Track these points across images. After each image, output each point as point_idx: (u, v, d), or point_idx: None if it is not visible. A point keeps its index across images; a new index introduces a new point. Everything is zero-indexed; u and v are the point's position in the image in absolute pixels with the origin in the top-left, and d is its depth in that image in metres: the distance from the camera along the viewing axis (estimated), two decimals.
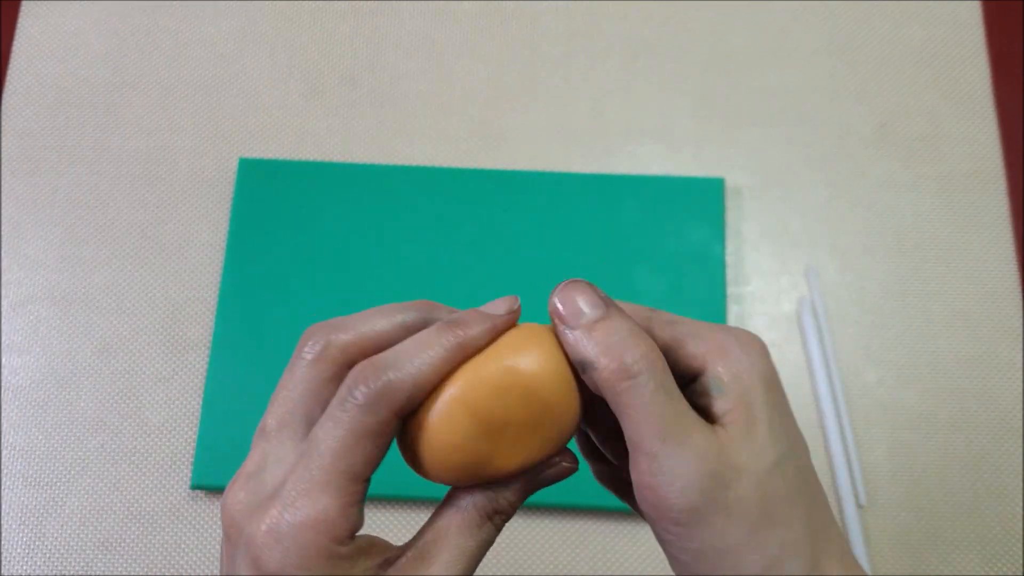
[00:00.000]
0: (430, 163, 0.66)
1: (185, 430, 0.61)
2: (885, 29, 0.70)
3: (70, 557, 0.58)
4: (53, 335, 0.63)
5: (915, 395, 0.61)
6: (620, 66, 0.69)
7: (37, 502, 0.59)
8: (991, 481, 0.59)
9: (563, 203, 0.64)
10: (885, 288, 0.64)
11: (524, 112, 0.68)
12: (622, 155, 0.67)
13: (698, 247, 0.63)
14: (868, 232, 0.65)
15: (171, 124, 0.68)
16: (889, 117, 0.68)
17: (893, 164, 0.66)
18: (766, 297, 0.63)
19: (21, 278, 0.64)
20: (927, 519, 0.59)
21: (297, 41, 0.70)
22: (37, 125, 0.68)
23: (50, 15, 0.71)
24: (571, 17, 0.70)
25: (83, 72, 0.69)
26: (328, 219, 0.64)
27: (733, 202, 0.65)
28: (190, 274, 0.64)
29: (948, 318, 0.63)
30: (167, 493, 0.60)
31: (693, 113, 0.68)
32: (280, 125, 0.68)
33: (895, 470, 0.60)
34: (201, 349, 0.62)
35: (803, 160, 0.67)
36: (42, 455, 0.60)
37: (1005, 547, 0.58)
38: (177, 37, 0.70)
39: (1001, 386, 0.61)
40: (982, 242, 0.64)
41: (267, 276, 0.63)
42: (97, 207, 0.66)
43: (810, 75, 0.69)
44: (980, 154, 0.66)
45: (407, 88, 0.69)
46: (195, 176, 0.67)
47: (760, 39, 0.70)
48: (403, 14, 0.71)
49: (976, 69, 0.69)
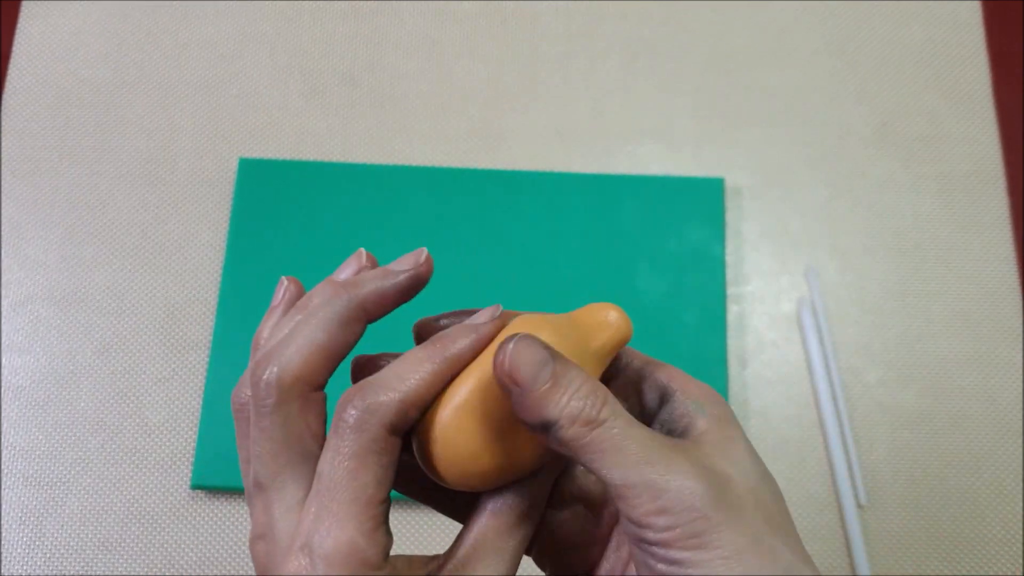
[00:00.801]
0: (430, 163, 0.66)
1: (185, 430, 0.61)
2: (885, 29, 0.70)
3: (70, 557, 0.58)
4: (53, 335, 0.63)
5: (915, 395, 0.61)
6: (620, 66, 0.69)
7: (37, 502, 0.59)
8: (991, 481, 0.59)
9: (563, 203, 0.64)
10: (885, 288, 0.64)
11: (524, 112, 0.68)
12: (622, 155, 0.67)
13: (698, 247, 0.63)
14: (868, 232, 0.65)
15: (171, 124, 0.68)
16: (889, 117, 0.68)
17: (893, 164, 0.66)
18: (766, 297, 0.63)
19: (21, 278, 0.64)
20: (927, 519, 0.59)
21: (297, 41, 0.70)
22: (37, 125, 0.68)
23: (50, 15, 0.71)
24: (571, 17, 0.70)
25: (83, 72, 0.69)
26: (328, 219, 0.64)
27: (733, 202, 0.65)
28: (190, 274, 0.64)
29: (948, 318, 0.63)
30: (167, 493, 0.60)
31: (693, 113, 0.68)
32: (280, 125, 0.68)
33: (895, 470, 0.60)
34: (201, 349, 0.62)
35: (803, 160, 0.67)
36: (42, 455, 0.60)
37: (1005, 547, 0.58)
38: (177, 37, 0.70)
39: (1001, 386, 0.61)
40: (982, 242, 0.64)
41: (267, 276, 0.63)
42: (97, 207, 0.66)
43: (810, 75, 0.69)
44: (980, 154, 0.66)
45: (407, 88, 0.69)
46: (195, 176, 0.67)
47: (760, 39, 0.70)
48: (403, 14, 0.71)
49: (976, 69, 0.69)
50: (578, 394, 0.26)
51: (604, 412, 0.26)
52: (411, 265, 0.29)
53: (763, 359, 0.62)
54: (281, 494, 0.27)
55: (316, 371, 0.28)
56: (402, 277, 0.29)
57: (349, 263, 0.30)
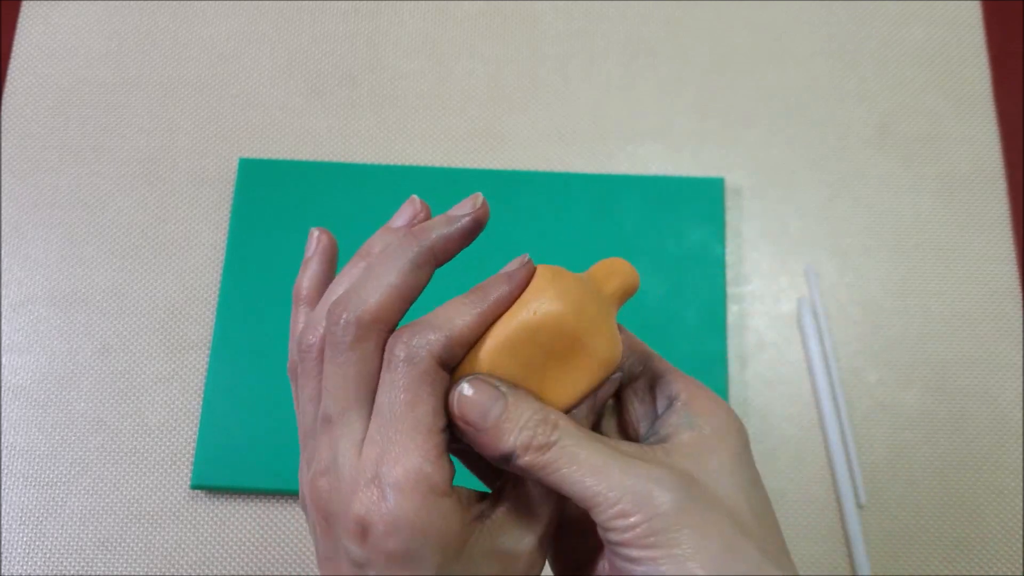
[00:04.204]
0: (430, 163, 0.66)
1: (185, 430, 0.61)
2: (885, 29, 0.70)
3: (70, 557, 0.58)
4: (53, 335, 0.63)
5: (915, 395, 0.61)
6: (620, 66, 0.69)
7: (37, 502, 0.59)
8: (991, 481, 0.59)
9: (563, 203, 0.64)
10: (885, 288, 0.64)
11: (524, 112, 0.68)
12: (622, 155, 0.67)
13: (698, 247, 0.63)
14: (868, 232, 0.65)
15: (171, 124, 0.68)
16: (889, 117, 0.68)
17: (893, 164, 0.66)
18: (766, 297, 0.63)
19: (21, 278, 0.64)
20: (927, 519, 0.59)
21: (297, 41, 0.70)
22: (37, 125, 0.68)
23: (50, 15, 0.71)
24: (571, 17, 0.70)
25: (83, 72, 0.69)
26: (328, 219, 0.64)
27: (733, 202, 0.65)
28: (190, 274, 0.64)
29: (948, 318, 0.63)
30: (167, 493, 0.60)
31: (693, 113, 0.68)
32: (280, 125, 0.68)
33: (895, 470, 0.60)
34: (201, 349, 0.62)
35: (803, 160, 0.67)
36: (42, 455, 0.60)
37: (1005, 547, 0.58)
38: (177, 37, 0.70)
39: (1001, 386, 0.61)
40: (982, 242, 0.64)
41: (267, 276, 0.63)
42: (97, 207, 0.66)
43: (810, 75, 0.69)
44: (980, 154, 0.66)
45: (407, 88, 0.69)
46: (195, 176, 0.67)
47: (760, 39, 0.70)
48: (403, 14, 0.71)
49: (976, 69, 0.69)
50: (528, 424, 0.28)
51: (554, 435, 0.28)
52: (470, 209, 0.31)
53: (763, 359, 0.62)
54: (348, 428, 0.28)
55: (391, 312, 0.29)
56: (464, 221, 0.31)
57: (404, 210, 0.32)
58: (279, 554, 0.59)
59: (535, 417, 0.28)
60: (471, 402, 0.28)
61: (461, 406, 0.28)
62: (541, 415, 0.28)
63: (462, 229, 0.31)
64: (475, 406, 0.28)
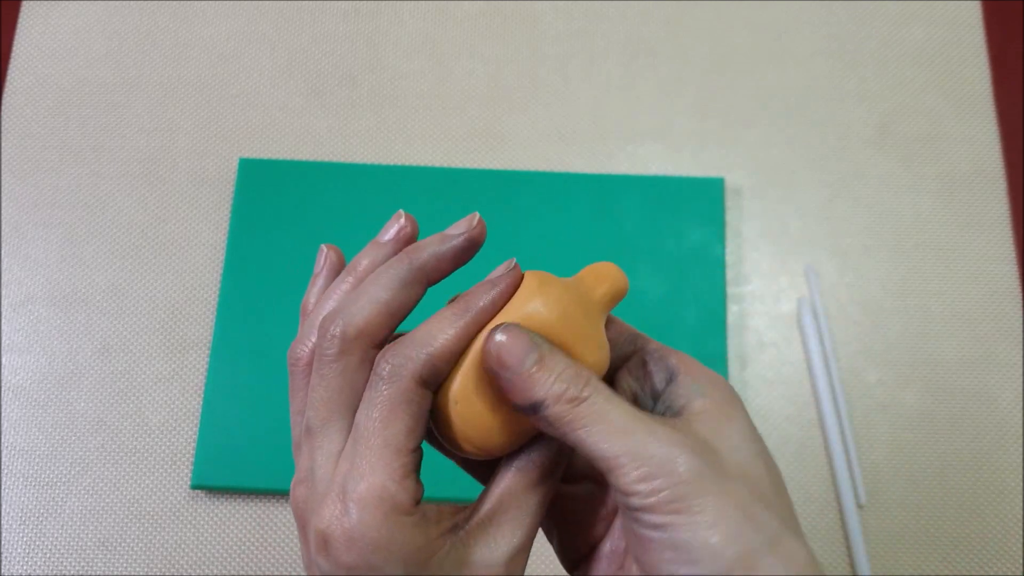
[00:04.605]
0: (430, 163, 0.66)
1: (185, 430, 0.61)
2: (885, 29, 0.70)
3: (70, 557, 0.58)
4: (53, 335, 0.63)
5: (915, 395, 0.61)
6: (620, 66, 0.69)
7: (37, 502, 0.59)
8: (991, 481, 0.59)
9: (563, 203, 0.64)
10: (885, 288, 0.64)
11: (524, 112, 0.68)
12: (622, 155, 0.67)
13: (698, 247, 0.63)
14: (868, 232, 0.65)
15: (171, 124, 0.68)
16: (889, 117, 0.68)
17: (893, 164, 0.66)
18: (766, 297, 0.63)
19: (21, 278, 0.64)
20: (927, 519, 0.59)
21: (297, 41, 0.70)
22: (37, 125, 0.68)
23: (50, 15, 0.71)
24: (571, 17, 0.70)
25: (83, 72, 0.69)
26: (328, 219, 0.64)
27: (733, 202, 0.65)
28: (190, 274, 0.64)
29: (948, 318, 0.63)
30: (167, 493, 0.60)
31: (693, 113, 0.68)
32: (280, 125, 0.68)
33: (895, 470, 0.60)
34: (201, 349, 0.62)
35: (803, 160, 0.67)
36: (42, 455, 0.60)
37: (1005, 547, 0.58)
38: (177, 37, 0.70)
39: (1001, 386, 0.61)
40: (982, 242, 0.64)
41: (267, 276, 0.63)
42: (97, 207, 0.66)
43: (810, 75, 0.69)
44: (980, 154, 0.66)
45: (407, 88, 0.69)
46: (195, 176, 0.67)
47: (760, 39, 0.70)
48: (403, 14, 0.71)
49: (976, 69, 0.69)
50: (563, 376, 0.28)
51: (587, 391, 0.28)
52: (465, 228, 0.32)
53: (763, 359, 0.62)
54: (326, 440, 0.29)
55: (378, 327, 0.29)
56: (458, 240, 0.31)
57: (390, 225, 0.33)
58: (279, 554, 0.59)
59: (569, 371, 0.28)
60: (509, 347, 0.28)
61: (499, 350, 0.28)
62: (575, 369, 0.28)
63: (455, 248, 0.31)
64: (514, 350, 0.28)
